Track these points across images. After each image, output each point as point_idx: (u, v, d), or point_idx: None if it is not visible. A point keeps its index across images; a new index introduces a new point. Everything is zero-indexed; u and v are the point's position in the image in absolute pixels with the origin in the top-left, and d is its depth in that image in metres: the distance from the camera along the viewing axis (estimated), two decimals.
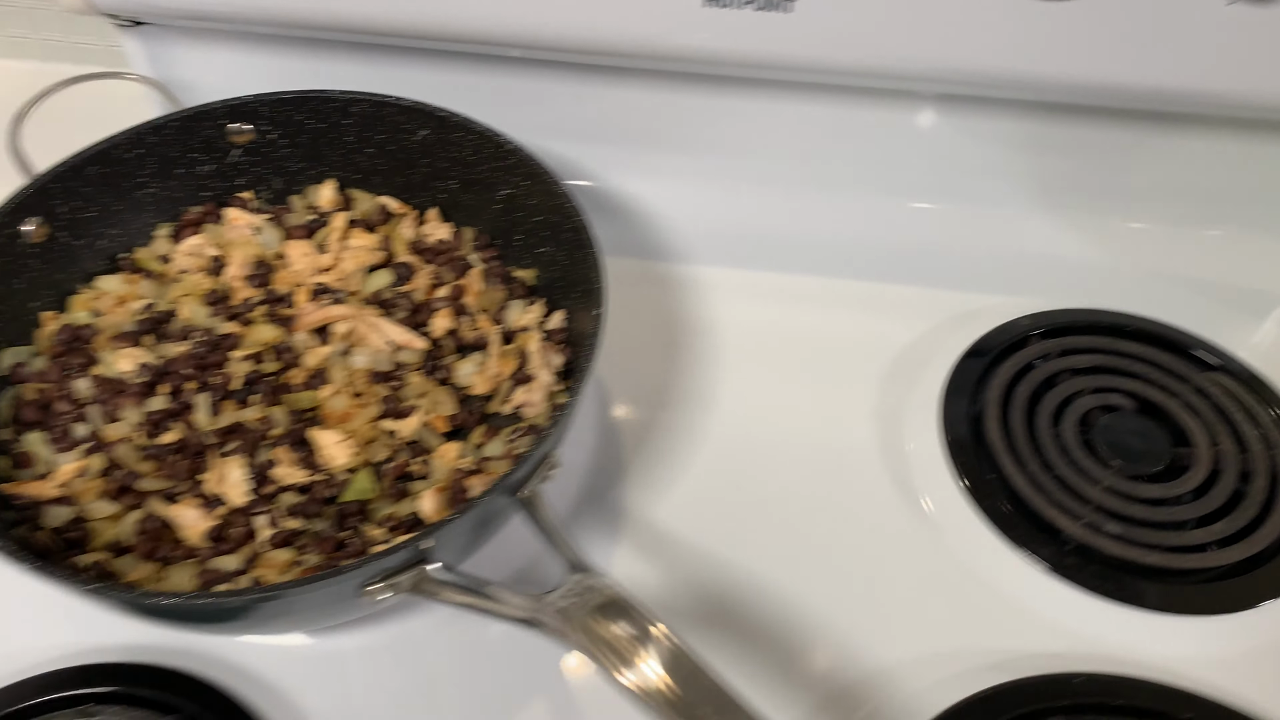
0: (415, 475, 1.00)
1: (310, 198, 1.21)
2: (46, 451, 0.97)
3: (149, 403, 1.01)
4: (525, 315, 1.11)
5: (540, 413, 1.04)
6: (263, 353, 1.07)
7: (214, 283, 1.13)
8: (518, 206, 1.13)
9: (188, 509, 0.94)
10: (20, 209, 1.02)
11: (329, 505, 0.97)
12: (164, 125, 1.11)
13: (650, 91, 1.27)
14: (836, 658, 0.94)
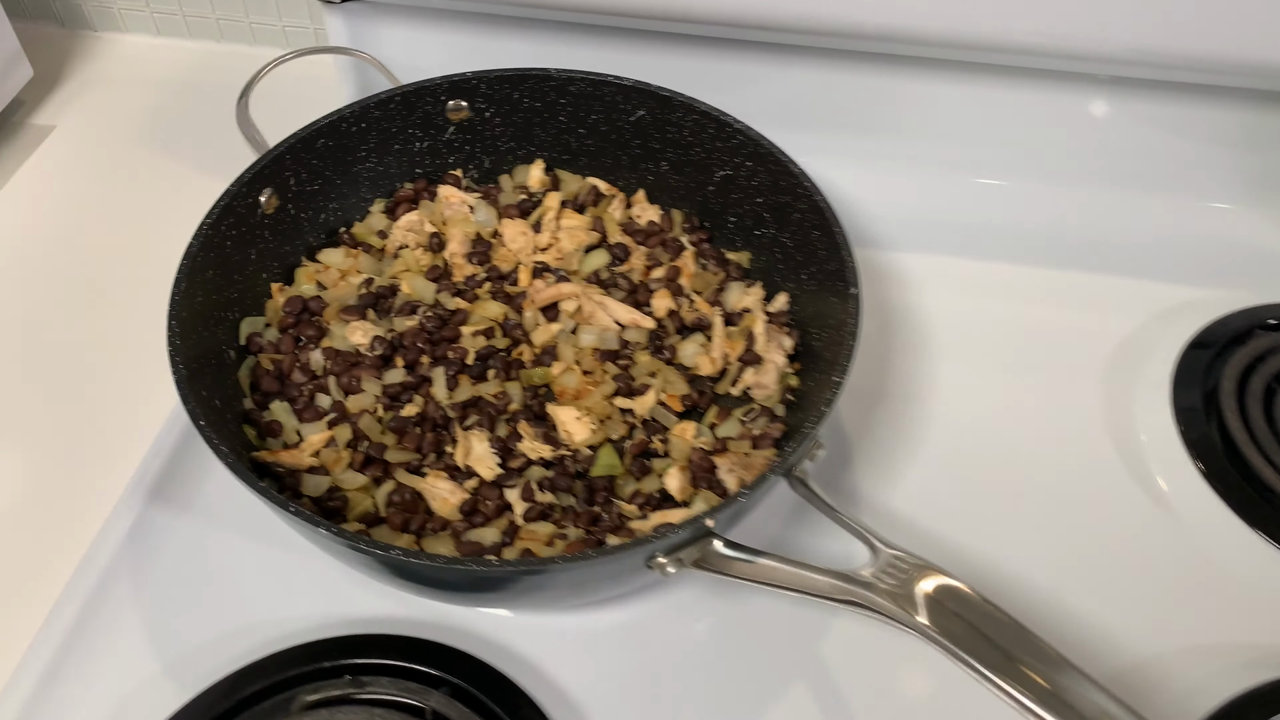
0: (655, 452, 0.99)
1: (519, 177, 1.20)
2: (292, 421, 0.97)
3: (386, 375, 1.01)
4: (746, 297, 1.10)
5: (771, 395, 1.03)
6: (491, 328, 1.06)
7: (434, 258, 1.13)
8: (736, 188, 1.12)
9: (439, 481, 0.94)
10: (258, 179, 1.03)
11: (577, 480, 0.96)
12: (388, 100, 1.11)
13: (849, 74, 1.26)
14: (1088, 653, 0.91)
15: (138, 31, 1.55)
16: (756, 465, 0.96)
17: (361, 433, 0.97)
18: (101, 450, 1.05)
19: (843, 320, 0.94)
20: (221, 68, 1.51)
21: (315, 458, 0.94)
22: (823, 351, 0.99)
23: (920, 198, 1.29)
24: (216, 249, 0.97)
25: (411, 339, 1.04)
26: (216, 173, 1.41)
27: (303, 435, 0.96)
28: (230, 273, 1.01)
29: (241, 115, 1.10)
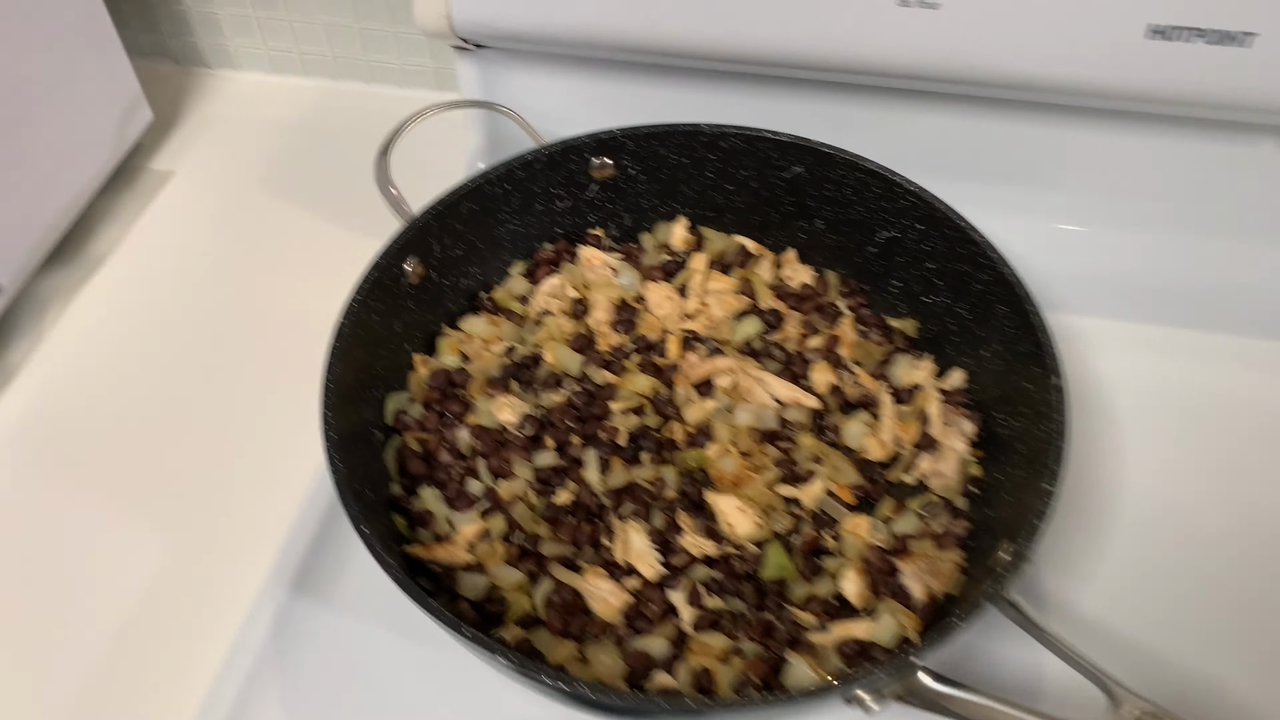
0: (826, 550, 0.92)
1: (661, 235, 1.14)
2: (443, 509, 0.92)
3: (537, 458, 0.95)
4: (915, 372, 1.02)
5: (951, 485, 0.95)
6: (642, 405, 1.00)
7: (577, 325, 1.06)
8: (902, 251, 1.05)
9: (599, 580, 0.88)
10: (405, 248, 0.97)
11: (746, 582, 0.89)
12: (533, 160, 1.05)
13: (1007, 123, 1.17)
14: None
15: (252, 69, 1.52)
16: (945, 571, 0.88)
17: (515, 522, 0.91)
18: (237, 524, 1.01)
19: (1041, 411, 0.86)
20: (339, 108, 1.48)
21: (470, 552, 0.89)
22: (1014, 442, 0.91)
23: (1088, 255, 1.19)
24: (364, 325, 0.92)
25: (560, 416, 0.98)
26: (343, 221, 1.36)
27: (455, 526, 0.91)
28: (376, 348, 0.96)
29: (381, 175, 1.05)
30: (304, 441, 1.05)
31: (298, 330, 1.17)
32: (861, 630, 0.84)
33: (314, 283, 1.22)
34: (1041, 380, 0.87)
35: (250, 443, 1.08)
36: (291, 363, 1.14)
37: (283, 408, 1.10)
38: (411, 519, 0.92)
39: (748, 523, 0.92)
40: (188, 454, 1.07)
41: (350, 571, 0.95)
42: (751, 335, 1.06)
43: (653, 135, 1.07)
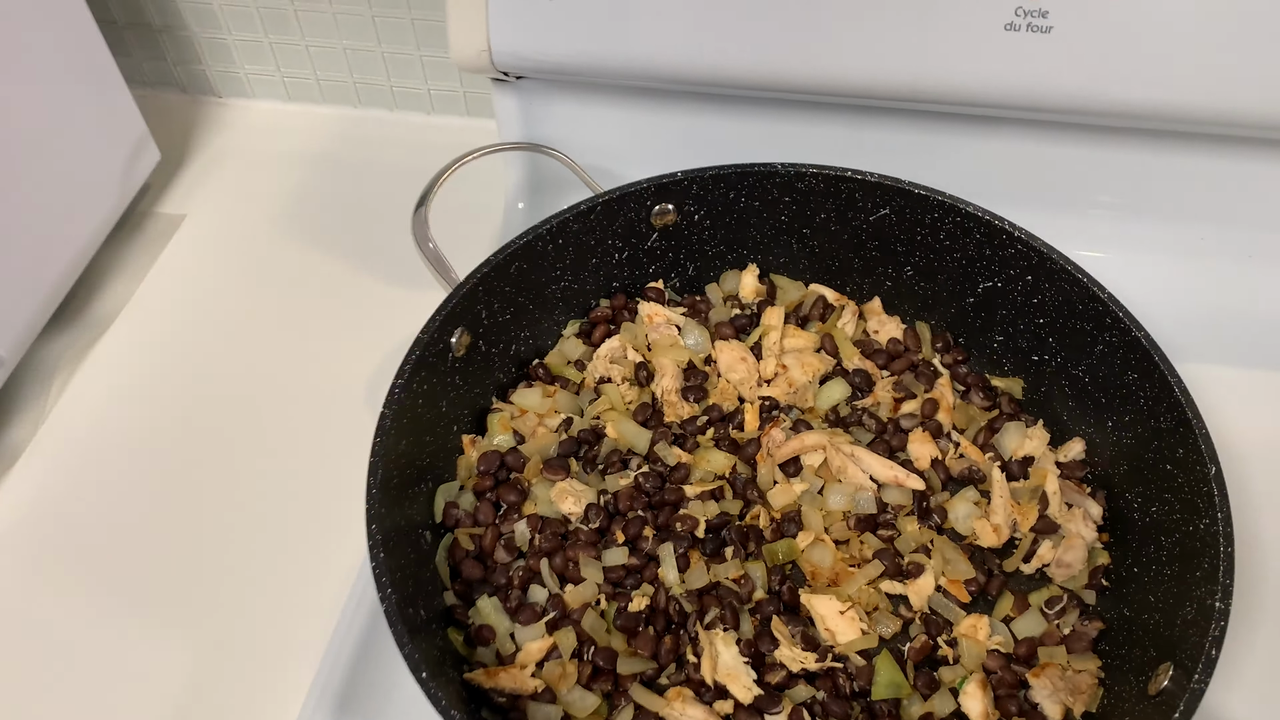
0: (941, 658, 0.81)
1: (728, 285, 1.02)
2: (505, 622, 0.81)
3: (606, 555, 0.84)
4: (1028, 441, 0.90)
5: (1076, 577, 0.84)
6: (720, 488, 0.89)
7: (641, 394, 0.95)
8: (1006, 304, 0.93)
9: (687, 707, 0.77)
10: (451, 318, 0.86)
11: (853, 702, 0.78)
12: (588, 211, 0.93)
13: (1098, 149, 1.04)
14: None
15: (267, 98, 1.40)
16: (1083, 687, 0.77)
17: (586, 634, 0.80)
18: (269, 631, 0.91)
19: (1190, 501, 0.75)
20: (363, 137, 1.36)
21: (538, 676, 0.78)
22: (1153, 532, 0.80)
23: (1199, 293, 1.07)
24: (409, 413, 0.81)
25: (628, 503, 0.87)
26: (374, 268, 1.23)
27: (518, 642, 0.80)
28: (422, 435, 0.85)
29: (420, 231, 0.93)
30: (343, 533, 0.96)
31: (330, 397, 1.07)
32: None
33: (345, 341, 1.12)
34: (1189, 465, 0.76)
35: (282, 535, 0.97)
36: (326, 437, 1.04)
37: (318, 492, 1.00)
38: (470, 635, 0.81)
39: (851, 629, 0.81)
40: (212, 549, 0.96)
41: (402, 688, 0.84)
42: (838, 401, 0.94)
43: (720, 178, 0.95)
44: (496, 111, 1.13)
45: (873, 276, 1.00)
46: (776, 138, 1.09)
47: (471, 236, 1.19)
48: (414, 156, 1.32)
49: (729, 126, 1.10)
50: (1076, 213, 1.09)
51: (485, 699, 0.77)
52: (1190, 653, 0.67)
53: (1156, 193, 1.06)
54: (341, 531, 0.95)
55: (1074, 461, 0.89)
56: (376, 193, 1.28)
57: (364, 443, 1.01)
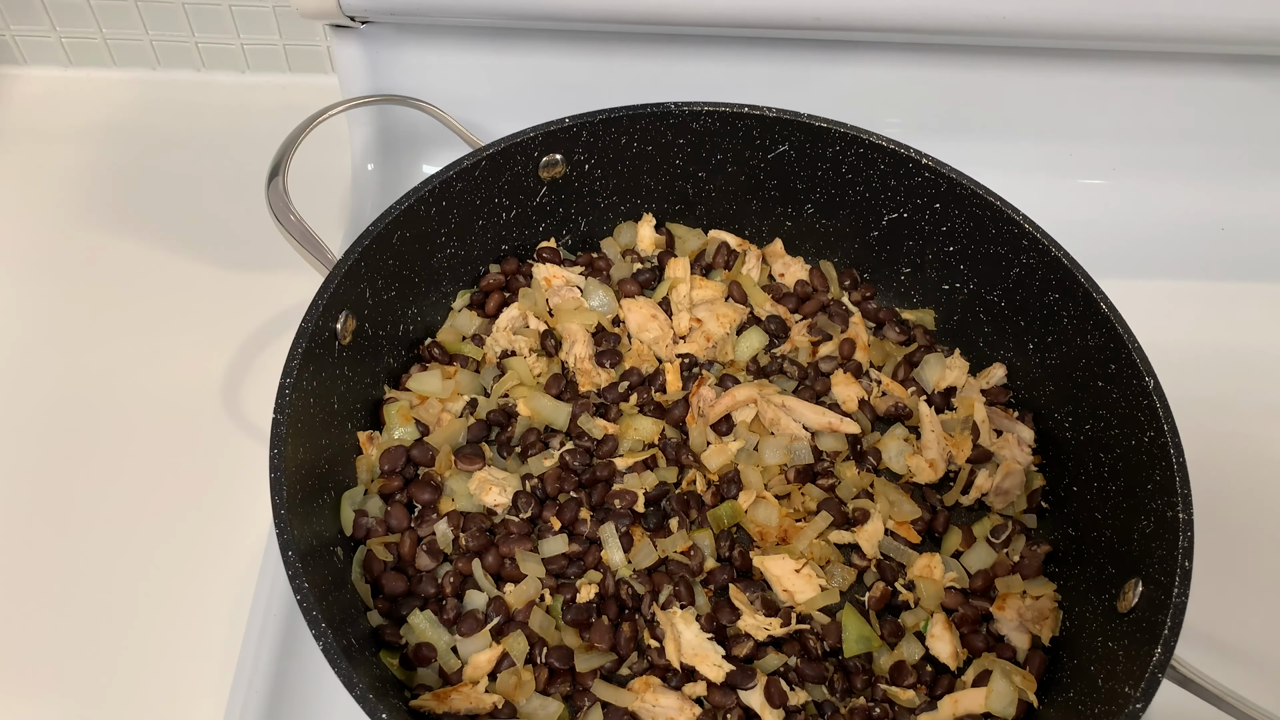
0: (903, 603, 0.79)
1: (625, 238, 0.95)
2: (443, 635, 0.72)
3: (543, 546, 0.77)
4: (949, 372, 0.89)
5: (1016, 502, 0.84)
6: (654, 456, 0.83)
7: (551, 365, 0.87)
8: (913, 234, 0.91)
9: (656, 695, 0.71)
10: (334, 303, 0.75)
11: (826, 662, 0.75)
12: (472, 168, 0.83)
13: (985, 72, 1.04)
14: None
15: (43, 63, 1.20)
16: (1046, 611, 0.76)
17: (535, 635, 0.73)
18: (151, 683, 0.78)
19: (1130, 416, 0.75)
20: (168, 104, 1.18)
21: (492, 691, 0.70)
22: (1090, 449, 0.80)
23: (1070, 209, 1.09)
24: (302, 415, 0.70)
25: (557, 485, 0.80)
26: (204, 251, 1.06)
27: (463, 656, 0.72)
28: (317, 438, 0.74)
29: (278, 205, 0.81)
30: (218, 561, 0.84)
31: (177, 404, 0.93)
32: (975, 702, 0.72)
33: (183, 336, 0.98)
34: (1123, 380, 0.76)
35: (146, 571, 0.83)
36: (184, 450, 0.90)
37: (183, 516, 0.87)
38: (406, 656, 0.72)
39: (809, 586, 0.77)
40: (64, 596, 0.82)
41: None
42: (758, 350, 0.90)
43: (611, 122, 0.87)
44: (337, 64, 1.00)
45: (772, 217, 0.96)
46: (656, 79, 1.02)
47: (317, 208, 1.06)
48: (233, 122, 1.17)
49: (605, 69, 1.03)
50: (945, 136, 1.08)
51: None
52: (1161, 566, 0.67)
53: (1022, 112, 1.07)
54: (222, 555, 0.84)
55: (997, 387, 0.89)
56: (193, 166, 1.13)
57: (230, 456, 0.90)
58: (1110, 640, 0.70)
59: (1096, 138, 1.09)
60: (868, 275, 0.96)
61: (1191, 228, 1.10)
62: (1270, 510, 0.93)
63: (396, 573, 0.75)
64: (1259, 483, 0.94)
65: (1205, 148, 1.09)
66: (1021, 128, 1.08)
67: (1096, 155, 1.10)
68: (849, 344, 0.90)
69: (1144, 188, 1.11)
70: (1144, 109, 1.07)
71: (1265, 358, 1.03)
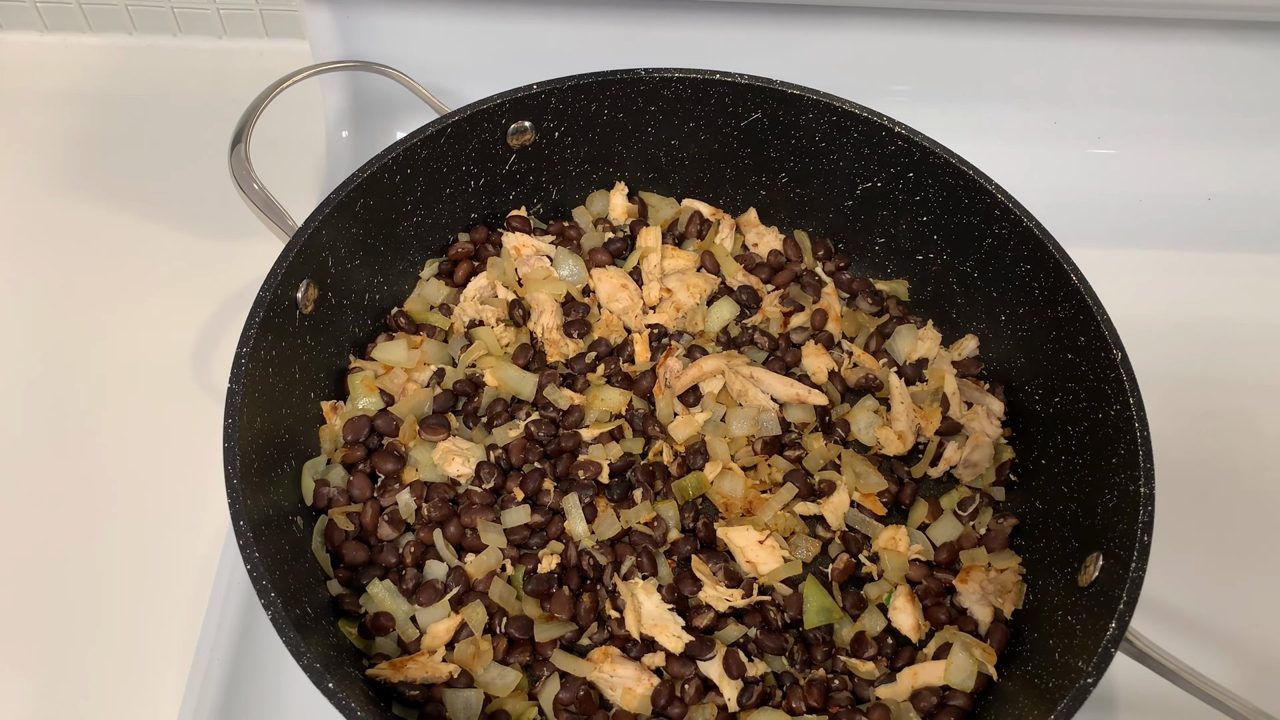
0: (867, 575, 0.79)
1: (597, 207, 0.94)
2: (402, 605, 0.72)
3: (505, 516, 0.77)
4: (921, 343, 0.88)
5: (984, 475, 0.83)
6: (620, 427, 0.82)
7: (519, 335, 0.87)
8: (887, 203, 0.90)
9: (614, 666, 0.71)
10: (294, 270, 0.74)
11: (787, 633, 0.75)
12: (438, 135, 0.82)
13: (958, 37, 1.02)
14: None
15: (17, 28, 1.18)
16: (1009, 586, 0.76)
17: (495, 605, 0.73)
18: (118, 655, 0.78)
19: (1097, 389, 0.74)
20: (144, 70, 1.17)
21: (449, 660, 0.70)
22: (1059, 422, 0.79)
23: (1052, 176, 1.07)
24: (260, 385, 0.70)
25: (522, 455, 0.79)
26: (173, 217, 1.05)
27: (421, 625, 0.72)
28: (277, 408, 0.73)
29: (240, 172, 0.80)
30: (188, 529, 0.84)
31: (149, 372, 0.93)
32: (934, 675, 0.72)
33: (155, 305, 0.98)
34: (1092, 353, 0.75)
35: (116, 541, 0.83)
36: (152, 419, 0.90)
37: (151, 485, 0.87)
38: (364, 625, 0.72)
39: (772, 557, 0.77)
40: (35, 567, 0.82)
41: (291, 695, 0.74)
42: (728, 321, 0.89)
43: (581, 88, 0.86)
44: (308, 29, 0.99)
45: (746, 186, 0.95)
46: (628, 43, 1.01)
47: (293, 174, 1.06)
48: (209, 87, 1.16)
49: (574, 32, 1.01)
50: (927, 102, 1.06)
51: (394, 694, 0.69)
52: (1121, 540, 0.67)
53: (1004, 79, 1.05)
54: (186, 527, 0.84)
55: (969, 359, 0.88)
56: (169, 132, 1.12)
57: (199, 421, 0.89)
58: (1070, 614, 0.69)
59: (1081, 105, 1.07)
60: (842, 245, 0.95)
61: (1177, 197, 1.08)
62: (1251, 485, 0.92)
63: (358, 542, 0.75)
64: (1242, 457, 0.93)
65: (1192, 116, 1.07)
66: (1004, 95, 1.06)
67: (1081, 123, 1.08)
68: (821, 315, 0.89)
69: (1129, 156, 1.09)
70: (1130, 76, 1.05)
71: (1251, 329, 1.02)
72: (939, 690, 0.71)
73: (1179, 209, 1.08)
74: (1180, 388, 0.96)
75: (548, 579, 0.75)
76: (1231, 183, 1.08)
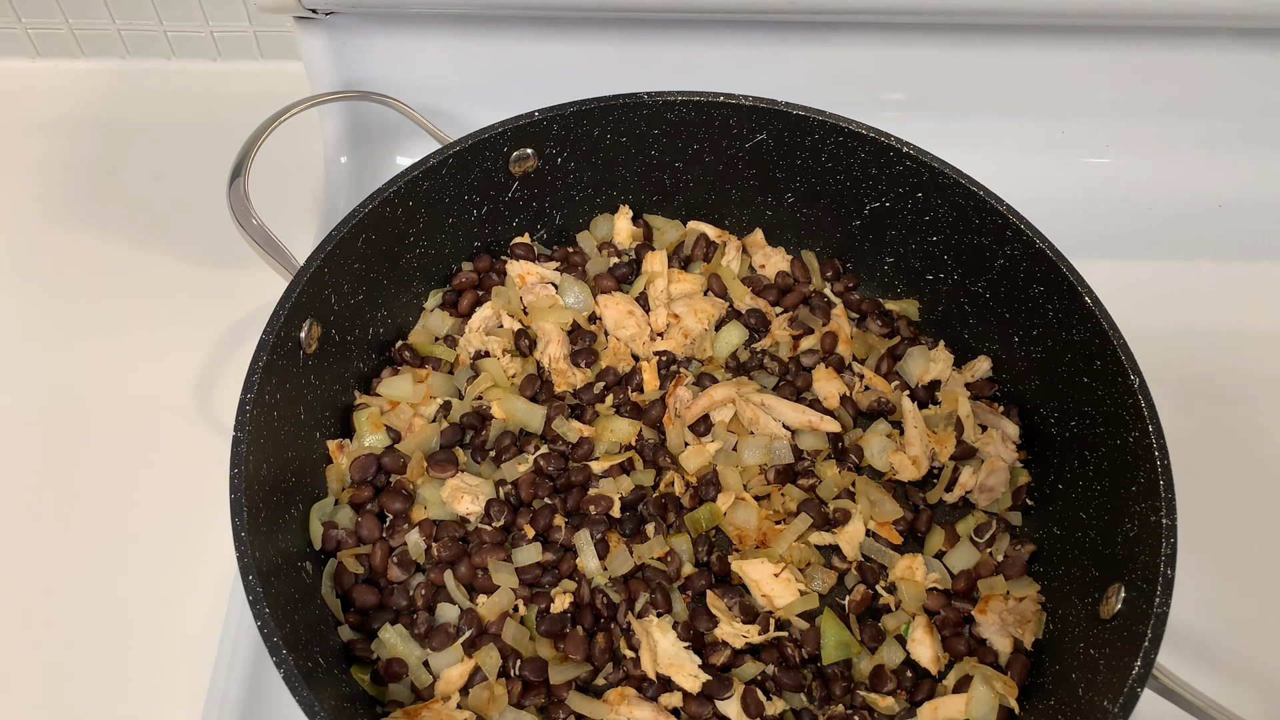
0: (884, 606, 0.78)
1: (601, 231, 0.93)
2: (414, 650, 0.71)
3: (517, 555, 0.76)
4: (933, 365, 0.87)
5: (1000, 500, 0.82)
6: (631, 459, 0.81)
7: (525, 365, 0.86)
8: (896, 223, 0.88)
9: (632, 708, 0.70)
10: (296, 310, 0.73)
11: (804, 669, 0.74)
12: (439, 166, 0.81)
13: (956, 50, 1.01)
14: None
15: (9, 55, 1.17)
16: (1029, 616, 0.75)
17: (509, 648, 0.72)
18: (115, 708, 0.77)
19: (1114, 414, 0.73)
20: (139, 95, 1.16)
21: (464, 707, 0.69)
22: (1075, 446, 0.78)
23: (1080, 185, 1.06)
24: (265, 430, 0.69)
25: (531, 491, 0.78)
26: (173, 245, 1.04)
27: (434, 671, 0.71)
28: (282, 452, 0.72)
29: (239, 208, 0.79)
30: (192, 572, 0.83)
31: (150, 408, 0.92)
32: (955, 709, 0.71)
33: (156, 338, 0.97)
34: (1108, 378, 0.74)
35: (116, 589, 0.82)
36: (152, 457, 0.89)
37: (152, 526, 0.85)
38: (377, 672, 0.71)
39: (788, 591, 0.76)
40: (32, 616, 0.81)
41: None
42: (737, 346, 0.88)
43: (583, 114, 0.85)
44: (303, 54, 0.98)
45: (752, 207, 0.94)
46: (628, 64, 0.99)
47: (291, 201, 1.05)
48: (204, 111, 1.15)
49: (574, 54, 1.00)
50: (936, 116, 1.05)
51: None
52: (1143, 574, 0.66)
53: (1015, 90, 1.04)
54: (192, 566, 0.83)
55: (982, 380, 0.87)
56: (165, 158, 1.10)
57: (201, 458, 0.88)
58: (1092, 647, 0.68)
59: (1091, 115, 1.06)
60: (850, 265, 0.94)
61: (1188, 205, 1.07)
62: (1267, 492, 0.91)
63: (368, 585, 0.74)
64: (1258, 468, 0.92)
65: (1203, 123, 1.06)
66: (1015, 106, 1.05)
67: (1091, 133, 1.07)
68: (831, 337, 0.88)
69: (1140, 165, 1.07)
70: (1141, 85, 1.03)
71: (1265, 337, 1.01)
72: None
73: (1189, 217, 1.07)
74: (1193, 396, 0.95)
75: (561, 619, 0.74)
76: (1242, 189, 1.07)
